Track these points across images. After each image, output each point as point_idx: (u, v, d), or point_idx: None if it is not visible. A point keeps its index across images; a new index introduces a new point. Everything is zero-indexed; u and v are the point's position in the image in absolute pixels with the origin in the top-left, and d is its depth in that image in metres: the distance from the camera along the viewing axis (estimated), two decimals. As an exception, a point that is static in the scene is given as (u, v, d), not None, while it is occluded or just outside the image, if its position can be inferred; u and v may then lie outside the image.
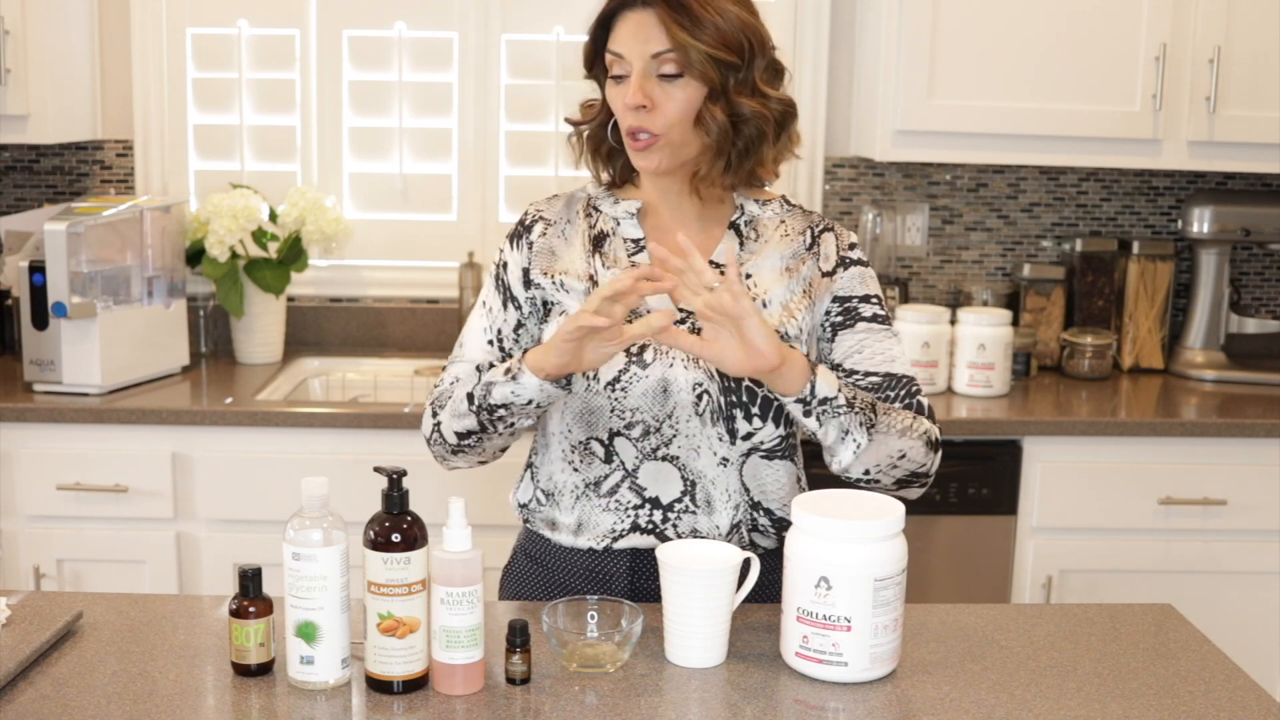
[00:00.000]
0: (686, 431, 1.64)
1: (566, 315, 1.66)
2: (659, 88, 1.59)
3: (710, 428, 1.63)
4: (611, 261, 1.68)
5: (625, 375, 1.62)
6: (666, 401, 1.63)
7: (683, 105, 1.59)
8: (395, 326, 3.24)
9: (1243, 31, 2.86)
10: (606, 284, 1.49)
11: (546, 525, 1.72)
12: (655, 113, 1.60)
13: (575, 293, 1.67)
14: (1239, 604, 2.76)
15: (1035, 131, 2.89)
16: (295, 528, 1.39)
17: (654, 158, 1.63)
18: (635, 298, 1.47)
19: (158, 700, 1.37)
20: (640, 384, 1.62)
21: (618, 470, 1.66)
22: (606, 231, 1.71)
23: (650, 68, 1.59)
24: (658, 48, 1.58)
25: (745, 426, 1.64)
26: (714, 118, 1.59)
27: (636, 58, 1.59)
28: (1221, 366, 3.14)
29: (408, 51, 3.15)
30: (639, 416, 1.63)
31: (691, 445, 1.64)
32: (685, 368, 1.62)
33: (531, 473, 1.75)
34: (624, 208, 1.71)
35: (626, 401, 1.63)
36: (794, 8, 3.13)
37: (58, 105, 2.89)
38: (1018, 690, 1.43)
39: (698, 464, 1.65)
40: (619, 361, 1.62)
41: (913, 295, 3.27)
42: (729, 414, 1.63)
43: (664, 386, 1.62)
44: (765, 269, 1.68)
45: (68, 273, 2.64)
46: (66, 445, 2.64)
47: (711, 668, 1.47)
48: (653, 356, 1.63)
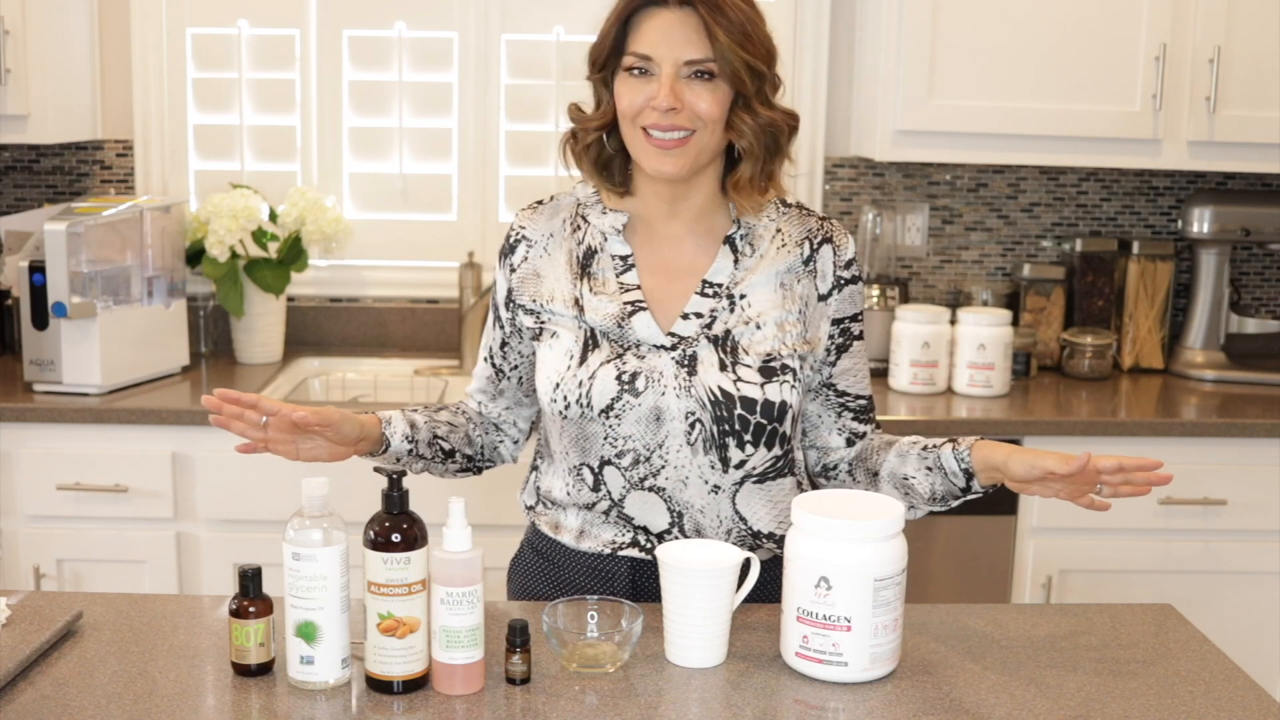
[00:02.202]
0: (676, 462, 1.62)
1: (558, 338, 1.65)
2: (690, 89, 1.56)
3: (702, 456, 1.61)
4: (600, 285, 1.65)
5: (618, 404, 1.60)
6: (659, 430, 1.61)
7: (718, 107, 1.56)
8: (395, 326, 3.24)
9: (1243, 31, 2.86)
10: None
11: (551, 527, 1.72)
12: (684, 114, 1.56)
13: (564, 317, 1.65)
14: (1239, 604, 2.76)
15: (1035, 131, 2.89)
16: (295, 528, 1.39)
17: (679, 160, 1.58)
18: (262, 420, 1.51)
19: (158, 700, 1.37)
20: (633, 412, 1.60)
21: (605, 499, 1.65)
22: (594, 247, 1.67)
23: (682, 70, 1.55)
24: (694, 54, 1.54)
25: (738, 455, 1.62)
26: (744, 121, 1.57)
27: (667, 60, 1.55)
28: (1221, 366, 3.14)
29: (408, 51, 3.15)
30: (630, 445, 1.61)
31: (680, 476, 1.62)
32: (678, 396, 1.60)
33: (536, 477, 1.76)
34: (611, 221, 1.67)
35: (620, 429, 1.61)
36: (794, 8, 3.13)
37: (58, 105, 2.89)
38: (1018, 690, 1.43)
39: (685, 495, 1.63)
40: (611, 390, 1.60)
41: (913, 295, 3.26)
42: (721, 442, 1.61)
43: (657, 415, 1.60)
44: (760, 289, 1.64)
45: (68, 273, 2.64)
46: (66, 445, 2.64)
47: (711, 668, 1.47)
48: (644, 384, 1.60)
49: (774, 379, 1.61)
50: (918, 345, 2.90)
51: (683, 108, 1.55)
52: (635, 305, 1.63)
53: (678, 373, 1.60)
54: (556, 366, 1.64)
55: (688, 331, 1.62)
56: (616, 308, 1.63)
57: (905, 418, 2.75)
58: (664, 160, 1.58)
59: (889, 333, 2.97)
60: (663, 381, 1.60)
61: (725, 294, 1.64)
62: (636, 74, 1.58)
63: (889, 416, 2.74)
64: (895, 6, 2.85)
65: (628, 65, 1.58)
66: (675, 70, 1.55)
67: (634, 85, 1.58)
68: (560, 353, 1.64)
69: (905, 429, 2.41)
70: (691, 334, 1.62)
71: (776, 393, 1.60)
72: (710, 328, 1.62)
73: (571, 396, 1.61)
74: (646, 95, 1.56)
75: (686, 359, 1.61)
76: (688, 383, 1.60)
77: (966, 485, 1.60)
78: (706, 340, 1.62)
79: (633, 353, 1.62)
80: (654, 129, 1.57)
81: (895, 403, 2.86)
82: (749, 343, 1.62)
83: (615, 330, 1.63)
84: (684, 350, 1.61)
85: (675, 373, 1.60)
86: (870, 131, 2.98)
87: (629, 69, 1.58)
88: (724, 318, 1.63)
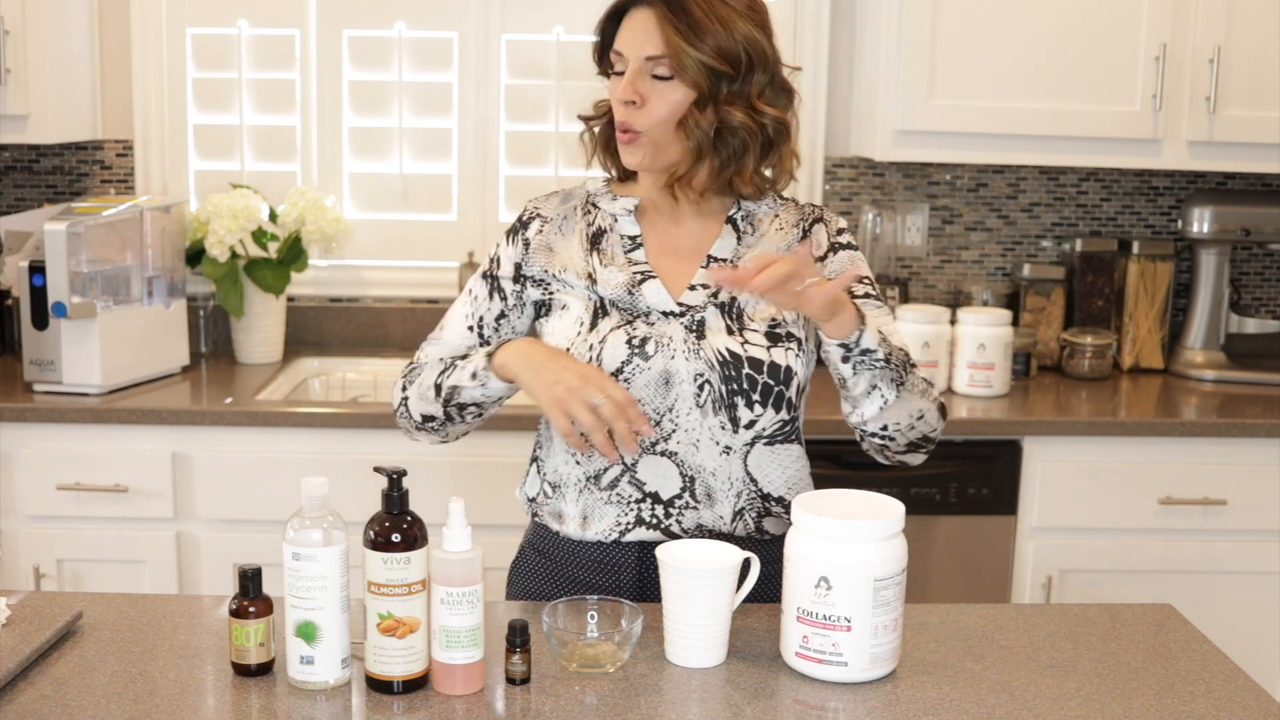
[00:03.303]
0: (686, 425, 1.65)
1: (568, 309, 1.70)
2: (651, 86, 1.63)
3: (712, 417, 1.65)
4: (609, 259, 1.71)
5: (628, 367, 1.64)
6: (669, 393, 1.65)
7: (668, 107, 1.62)
8: (395, 326, 3.24)
9: (1243, 31, 2.86)
10: (621, 393, 1.56)
11: (554, 518, 1.73)
12: (642, 111, 1.63)
13: (576, 288, 1.71)
14: (1239, 604, 2.76)
15: (1035, 131, 2.89)
16: (295, 528, 1.39)
17: (636, 154, 1.66)
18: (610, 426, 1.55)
19: (158, 700, 1.37)
20: (643, 375, 1.64)
21: (617, 464, 1.67)
22: (604, 228, 1.74)
23: (645, 67, 1.62)
24: (652, 50, 1.62)
25: (747, 414, 1.65)
26: (697, 123, 1.62)
27: (633, 56, 1.63)
28: (1221, 366, 3.14)
29: (408, 51, 3.15)
30: (641, 409, 1.63)
31: (691, 440, 1.66)
32: (686, 359, 1.65)
33: (537, 466, 1.78)
34: (621, 204, 1.75)
35: (630, 393, 1.63)
36: (794, 7, 3.13)
37: (58, 105, 2.89)
38: (1018, 690, 1.43)
39: (696, 458, 1.66)
40: (621, 353, 1.64)
41: (913, 295, 3.26)
42: (730, 402, 1.65)
43: (666, 378, 1.64)
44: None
45: (68, 273, 2.64)
46: (66, 445, 2.64)
47: (711, 668, 1.47)
48: (654, 349, 1.65)
49: (779, 344, 1.66)
50: (918, 345, 2.89)
51: (643, 103, 1.62)
52: (645, 274, 1.69)
53: (686, 337, 1.66)
54: (566, 334, 1.69)
55: (695, 301, 1.68)
56: (626, 276, 1.69)
57: (905, 418, 2.74)
58: (625, 153, 1.68)
59: (889, 333, 2.97)
60: (672, 345, 1.65)
61: (730, 266, 1.69)
62: (616, 76, 1.66)
63: (889, 416, 2.73)
64: (895, 6, 2.85)
65: (612, 60, 1.67)
66: (640, 65, 1.62)
67: (613, 82, 1.67)
68: (570, 321, 1.69)
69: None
70: (699, 303, 1.68)
71: (783, 357, 1.65)
72: (716, 296, 1.68)
73: (582, 360, 1.64)
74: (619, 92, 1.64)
75: (695, 324, 1.66)
76: (696, 346, 1.65)
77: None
78: (714, 307, 1.67)
79: (643, 320, 1.67)
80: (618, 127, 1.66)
81: (895, 403, 2.85)
82: (754, 310, 1.68)
83: (625, 299, 1.68)
84: (692, 316, 1.67)
85: (684, 337, 1.66)
86: (870, 131, 2.98)
87: (614, 69, 1.67)
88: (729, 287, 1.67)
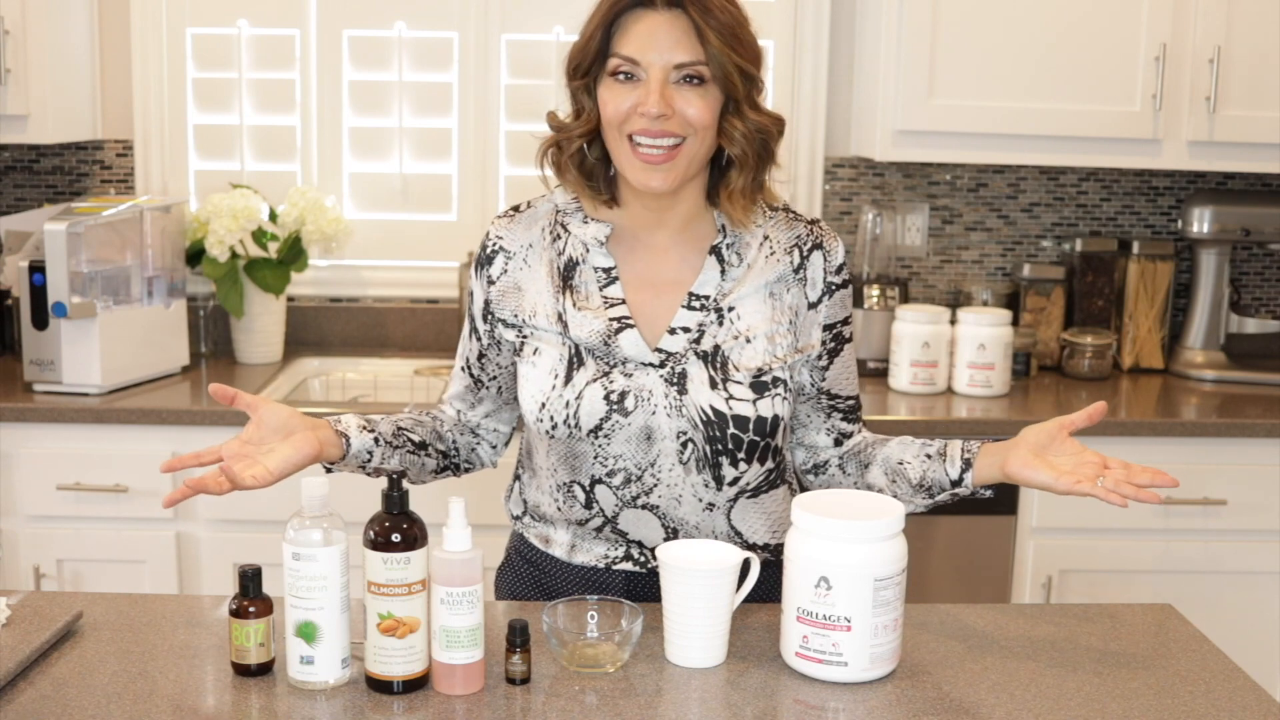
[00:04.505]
0: (669, 480, 1.59)
1: (540, 355, 1.59)
2: (677, 94, 1.50)
3: (695, 475, 1.59)
4: (583, 299, 1.59)
5: (607, 424, 1.56)
6: (650, 449, 1.58)
7: (706, 112, 1.50)
8: (395, 326, 3.24)
9: (1243, 31, 2.86)
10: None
11: (540, 540, 1.71)
12: (674, 120, 1.49)
13: (548, 332, 1.59)
14: (1239, 604, 2.76)
15: (1035, 131, 2.89)
16: (295, 528, 1.39)
17: (668, 174, 1.51)
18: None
19: (158, 700, 1.37)
20: (623, 431, 1.56)
21: (598, 516, 1.63)
22: (576, 259, 1.60)
23: (671, 74, 1.49)
24: (684, 56, 1.48)
25: (731, 472, 1.60)
26: (736, 127, 1.52)
27: (656, 64, 1.49)
28: (1221, 366, 3.14)
29: (408, 51, 3.15)
30: (621, 464, 1.58)
31: (673, 495, 1.60)
32: (668, 415, 1.56)
33: (520, 487, 1.73)
34: (593, 232, 1.60)
35: (609, 449, 1.58)
36: (794, 8, 3.13)
37: (58, 105, 2.89)
38: (1018, 690, 1.43)
39: (679, 512, 1.61)
40: (600, 410, 1.56)
41: (913, 295, 3.26)
42: (715, 461, 1.58)
43: (648, 434, 1.57)
44: (749, 301, 1.60)
45: (68, 273, 2.64)
46: (66, 445, 2.64)
47: (711, 668, 1.47)
48: (634, 404, 1.56)
49: (765, 393, 1.57)
50: (918, 345, 2.89)
51: (673, 114, 1.49)
52: (622, 322, 1.58)
53: (668, 391, 1.56)
54: (541, 386, 1.58)
55: (675, 347, 1.58)
56: (602, 324, 1.58)
57: (905, 418, 2.75)
58: (651, 175, 1.52)
59: (889, 333, 2.97)
60: (652, 400, 1.56)
61: (713, 307, 1.59)
62: (622, 79, 1.52)
63: (889, 416, 2.74)
64: (895, 6, 2.85)
65: (613, 69, 1.52)
66: (665, 74, 1.49)
67: (620, 91, 1.51)
68: (544, 371, 1.59)
69: (905, 429, 2.41)
70: (679, 350, 1.58)
71: (769, 408, 1.57)
72: (699, 342, 1.58)
73: (559, 417, 1.57)
74: (634, 101, 1.50)
75: (676, 376, 1.56)
76: (679, 402, 1.56)
77: (959, 477, 1.58)
78: (695, 356, 1.57)
79: (620, 370, 1.57)
80: (642, 136, 1.50)
81: (895, 403, 2.86)
82: (739, 359, 1.57)
83: (601, 348, 1.58)
84: (672, 367, 1.57)
85: (665, 391, 1.56)
86: (870, 131, 2.98)
87: (614, 73, 1.52)
88: (713, 332, 1.58)
